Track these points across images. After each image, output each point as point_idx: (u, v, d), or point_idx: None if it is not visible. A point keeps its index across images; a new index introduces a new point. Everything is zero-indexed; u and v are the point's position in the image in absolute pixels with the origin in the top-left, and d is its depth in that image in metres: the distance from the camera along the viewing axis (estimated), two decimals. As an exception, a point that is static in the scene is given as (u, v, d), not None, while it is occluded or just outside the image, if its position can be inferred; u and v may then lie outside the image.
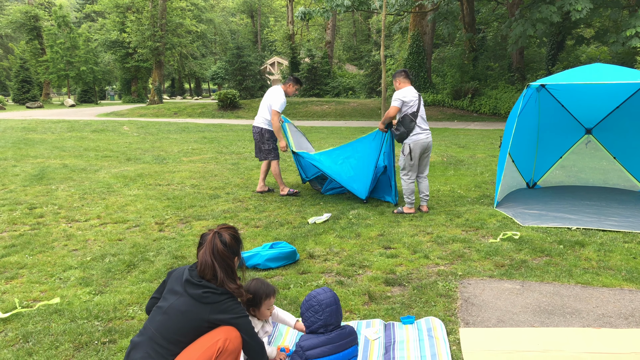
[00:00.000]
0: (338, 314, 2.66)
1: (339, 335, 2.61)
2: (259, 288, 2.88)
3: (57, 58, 43.77)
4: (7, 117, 24.65)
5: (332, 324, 2.62)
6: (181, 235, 5.44)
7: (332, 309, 2.64)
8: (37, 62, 46.61)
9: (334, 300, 2.68)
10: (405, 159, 6.20)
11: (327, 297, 2.67)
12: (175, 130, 18.24)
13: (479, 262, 4.53)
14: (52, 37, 43.80)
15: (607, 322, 3.35)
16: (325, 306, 2.63)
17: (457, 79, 24.47)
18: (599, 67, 6.35)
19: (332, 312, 2.63)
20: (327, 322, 2.61)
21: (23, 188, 7.83)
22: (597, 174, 7.93)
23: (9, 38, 57.70)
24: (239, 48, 34.65)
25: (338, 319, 2.66)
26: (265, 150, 7.36)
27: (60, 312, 3.55)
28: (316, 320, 2.62)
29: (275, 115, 7.06)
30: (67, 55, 44.00)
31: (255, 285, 2.89)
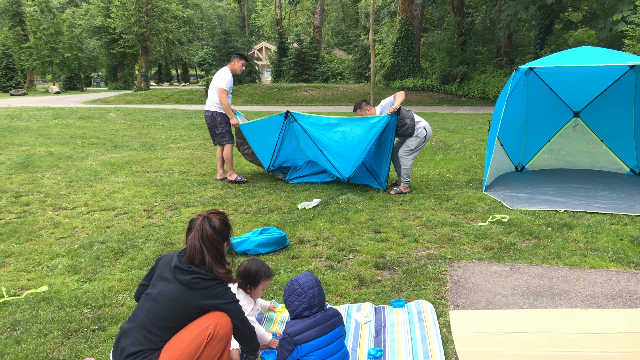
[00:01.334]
0: (321, 295, 2.67)
1: (323, 317, 2.61)
2: (260, 267, 2.99)
3: (41, 44, 43.08)
4: (-9, 104, 24.25)
5: (316, 305, 2.63)
6: (170, 222, 5.40)
7: (314, 290, 2.65)
8: (20, 48, 45.82)
9: (316, 282, 2.69)
10: (418, 142, 6.51)
11: (309, 279, 2.68)
12: (162, 117, 18.07)
13: (468, 245, 4.56)
14: (35, 22, 43.06)
15: (595, 303, 3.39)
16: (308, 288, 2.63)
17: (445, 64, 24.45)
18: (587, 49, 6.36)
19: (315, 294, 2.64)
20: (310, 303, 2.61)
21: (8, 176, 7.73)
22: (584, 157, 7.99)
23: (-10, 24, 56.55)
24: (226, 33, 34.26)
25: (321, 301, 2.66)
26: (219, 134, 7.22)
27: (49, 300, 3.52)
28: (300, 303, 2.62)
29: (222, 93, 6.97)
30: (51, 42, 43.31)
31: (257, 264, 2.99)
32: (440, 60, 24.91)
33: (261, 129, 7.20)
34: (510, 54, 24.86)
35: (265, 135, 7.19)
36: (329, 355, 2.51)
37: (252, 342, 2.66)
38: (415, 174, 7.73)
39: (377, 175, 6.84)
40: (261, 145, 7.32)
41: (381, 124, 6.29)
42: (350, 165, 6.57)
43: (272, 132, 7.11)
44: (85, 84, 53.94)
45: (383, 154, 6.66)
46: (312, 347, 2.51)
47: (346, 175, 6.65)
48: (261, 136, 7.24)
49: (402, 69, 25.98)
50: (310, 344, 2.52)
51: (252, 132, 7.29)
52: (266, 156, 7.35)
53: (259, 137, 7.26)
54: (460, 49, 24.86)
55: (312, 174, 7.33)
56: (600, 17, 20.29)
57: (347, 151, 6.54)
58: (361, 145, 6.41)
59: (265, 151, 7.32)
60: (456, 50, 24.63)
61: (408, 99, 23.69)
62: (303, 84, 30.66)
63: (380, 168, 6.76)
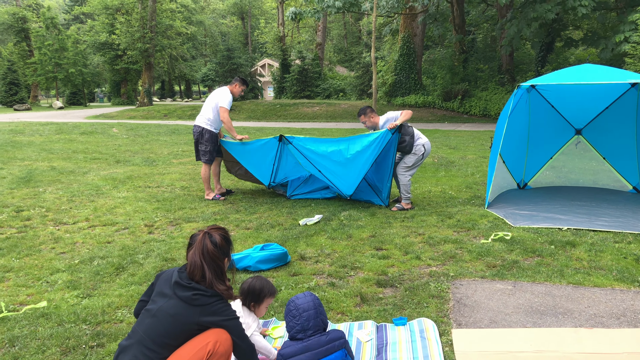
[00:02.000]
0: (317, 318, 2.62)
1: (317, 342, 2.56)
2: (265, 285, 2.95)
3: (46, 60, 43.41)
4: (-5, 119, 24.37)
5: (310, 328, 2.58)
6: (171, 237, 5.38)
7: (310, 313, 2.60)
8: (25, 64, 46.19)
9: (312, 304, 2.64)
10: (416, 159, 6.52)
11: (305, 301, 2.65)
12: (165, 133, 18.13)
13: (471, 262, 4.52)
14: (40, 38, 43.46)
15: (599, 322, 3.35)
16: (302, 310, 2.61)
17: (447, 81, 24.57)
18: (589, 67, 6.38)
19: (310, 317, 2.59)
20: (304, 326, 2.57)
21: (10, 191, 7.73)
22: (587, 175, 7.97)
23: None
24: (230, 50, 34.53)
25: (317, 324, 2.61)
26: (201, 151, 7.13)
27: (48, 315, 3.49)
28: (294, 325, 2.60)
29: (225, 112, 6.99)
30: (56, 57, 43.66)
31: (261, 282, 2.96)
32: (442, 78, 25.05)
33: (256, 153, 7.10)
34: (512, 72, 24.98)
35: (261, 157, 7.11)
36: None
37: (252, 359, 2.63)
38: (417, 190, 7.72)
39: (379, 191, 6.81)
40: (257, 165, 7.20)
41: (380, 140, 6.25)
42: (350, 183, 6.57)
43: (268, 154, 7.03)
44: (89, 100, 54.28)
45: (385, 170, 6.62)
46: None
47: (348, 193, 6.67)
48: (257, 157, 7.14)
49: (404, 85, 26.11)
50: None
51: (245, 156, 7.18)
52: (265, 175, 7.23)
53: (255, 158, 7.15)
54: (462, 66, 25.01)
55: (314, 191, 7.32)
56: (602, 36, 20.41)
57: (346, 169, 6.53)
58: (361, 162, 6.39)
59: (263, 170, 7.21)
60: (457, 68, 24.78)
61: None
62: (305, 100, 30.82)
63: (382, 184, 6.74)
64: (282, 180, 7.42)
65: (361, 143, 6.40)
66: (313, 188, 7.33)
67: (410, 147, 6.44)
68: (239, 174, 7.75)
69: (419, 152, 6.48)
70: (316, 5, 21.72)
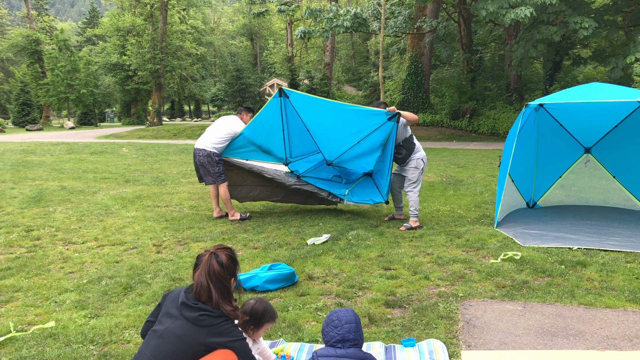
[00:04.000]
0: (357, 332, 2.67)
1: (355, 353, 2.60)
2: (267, 309, 2.91)
3: (58, 81, 44.11)
4: (7, 139, 24.71)
5: (350, 340, 2.62)
6: (179, 257, 5.39)
7: (351, 325, 2.66)
8: (38, 85, 46.95)
9: (354, 318, 2.70)
10: (419, 173, 6.61)
11: (348, 314, 2.71)
12: (174, 152, 18.27)
13: (480, 283, 4.48)
14: (53, 60, 44.22)
15: (612, 344, 3.29)
16: (345, 322, 2.65)
17: (455, 100, 24.64)
18: (597, 86, 6.38)
19: (351, 329, 2.64)
20: (344, 337, 2.62)
21: (20, 210, 7.80)
22: (597, 194, 7.91)
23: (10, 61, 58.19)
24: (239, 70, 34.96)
25: (357, 337, 2.65)
26: (215, 173, 7.03)
27: (55, 336, 3.49)
28: (334, 335, 2.64)
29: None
30: (68, 78, 44.35)
31: (263, 305, 2.91)
32: (450, 96, 25.13)
33: (261, 128, 6.99)
34: (520, 90, 25.02)
35: (267, 130, 7.00)
36: None
37: (259, 381, 2.61)
38: (425, 209, 7.69)
39: (381, 187, 6.94)
40: (267, 143, 7.16)
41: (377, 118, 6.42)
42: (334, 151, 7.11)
43: (274, 122, 6.93)
44: (99, 120, 54.92)
45: (384, 164, 6.75)
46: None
47: (329, 159, 7.26)
48: (264, 133, 7.04)
49: (412, 104, 26.20)
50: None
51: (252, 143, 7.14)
52: (278, 150, 7.26)
53: (262, 135, 7.06)
54: (470, 85, 25.09)
55: (323, 180, 7.42)
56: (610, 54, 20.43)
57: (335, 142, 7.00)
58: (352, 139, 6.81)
59: (275, 146, 7.21)
60: (465, 87, 24.87)
61: (418, 134, 23.80)
62: (313, 120, 30.91)
63: (383, 180, 6.84)
64: (300, 157, 7.47)
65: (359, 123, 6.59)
66: (322, 177, 7.45)
67: (404, 161, 6.59)
68: (240, 197, 7.57)
69: (419, 165, 6.57)
70: (324, 25, 21.98)
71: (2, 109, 61.40)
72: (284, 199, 7.65)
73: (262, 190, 7.57)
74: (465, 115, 23.86)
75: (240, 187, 7.50)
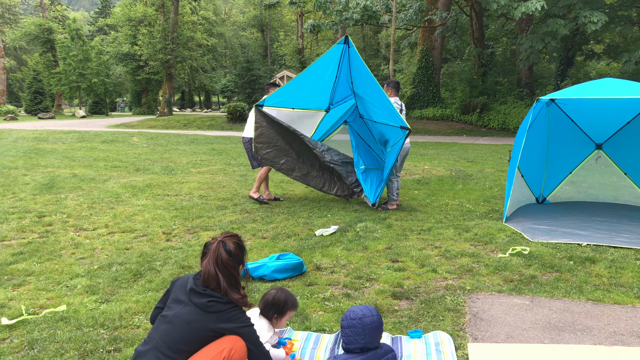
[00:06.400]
0: (379, 337, 2.59)
1: (374, 355, 2.54)
2: (289, 298, 2.96)
3: (70, 70, 44.37)
4: (19, 127, 24.93)
5: (371, 348, 2.56)
6: (188, 245, 5.43)
7: (375, 334, 2.56)
8: (50, 73, 47.23)
9: (379, 324, 2.59)
10: (400, 161, 7.16)
11: (373, 321, 2.57)
12: (184, 142, 18.34)
13: (488, 277, 4.48)
14: (65, 49, 44.46)
15: (619, 340, 3.29)
16: (370, 331, 2.54)
17: (466, 94, 24.50)
18: (610, 81, 6.32)
19: (374, 338, 2.55)
20: (366, 345, 2.53)
21: (33, 197, 7.88)
22: (607, 190, 7.86)
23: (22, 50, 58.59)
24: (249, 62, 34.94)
25: (377, 341, 2.59)
26: (257, 157, 7.54)
27: (66, 319, 3.54)
28: (355, 341, 2.52)
29: None
30: (80, 68, 44.60)
31: (285, 294, 2.96)
32: (461, 91, 24.98)
33: (312, 74, 7.36)
34: (531, 85, 24.83)
35: (317, 77, 7.36)
36: None
37: (267, 367, 2.64)
38: (434, 203, 7.68)
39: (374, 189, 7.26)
40: (313, 90, 7.53)
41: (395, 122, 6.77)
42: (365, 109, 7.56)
43: (327, 67, 7.27)
44: (110, 109, 55.16)
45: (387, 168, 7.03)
46: None
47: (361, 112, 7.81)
48: (312, 80, 7.39)
49: (422, 98, 26.09)
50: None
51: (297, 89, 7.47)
52: (323, 97, 7.75)
53: (310, 82, 7.41)
54: (481, 79, 24.93)
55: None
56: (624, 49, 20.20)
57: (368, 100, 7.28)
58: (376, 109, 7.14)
59: (320, 93, 7.63)
60: (476, 81, 24.70)
61: (428, 128, 23.71)
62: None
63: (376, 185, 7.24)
64: (342, 99, 7.82)
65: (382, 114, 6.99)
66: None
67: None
68: (283, 169, 7.53)
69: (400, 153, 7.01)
70: (335, 17, 21.89)
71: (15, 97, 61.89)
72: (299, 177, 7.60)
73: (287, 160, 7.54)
74: (475, 110, 23.72)
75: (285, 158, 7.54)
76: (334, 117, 8.24)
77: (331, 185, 7.63)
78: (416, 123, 24.26)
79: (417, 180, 9.88)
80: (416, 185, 9.33)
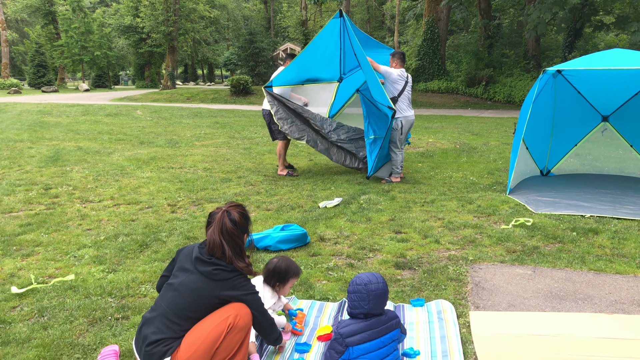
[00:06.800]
0: (383, 303, 2.63)
1: (378, 321, 2.57)
2: (290, 266, 3.01)
3: (72, 43, 43.99)
4: (23, 100, 24.88)
5: (374, 314, 2.59)
6: (193, 216, 5.48)
7: (380, 300, 2.59)
8: (52, 46, 46.83)
9: (384, 291, 2.61)
10: (396, 134, 7.06)
11: (378, 287, 2.59)
12: (187, 115, 18.30)
13: (491, 247, 4.51)
14: (67, 21, 43.99)
15: (620, 309, 3.33)
16: (374, 297, 2.56)
17: (471, 66, 24.20)
18: (618, 52, 6.23)
19: (379, 304, 2.58)
20: (370, 311, 2.57)
21: (39, 169, 7.93)
22: (612, 163, 7.83)
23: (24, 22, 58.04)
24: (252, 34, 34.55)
25: (382, 307, 2.62)
26: (274, 130, 7.69)
27: (75, 288, 3.61)
28: (359, 306, 2.55)
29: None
30: (82, 40, 44.21)
31: (287, 262, 3.01)
32: (467, 63, 24.68)
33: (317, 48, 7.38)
34: (538, 58, 24.49)
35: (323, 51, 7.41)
36: (380, 359, 2.50)
37: (273, 333, 2.69)
38: (438, 175, 7.68)
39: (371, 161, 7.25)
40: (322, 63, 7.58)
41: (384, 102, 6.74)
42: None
43: (330, 42, 7.32)
44: (114, 82, 54.88)
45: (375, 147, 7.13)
46: (363, 350, 2.49)
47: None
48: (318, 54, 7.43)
49: (427, 71, 25.82)
50: (361, 346, 2.50)
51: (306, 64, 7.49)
52: (333, 70, 7.80)
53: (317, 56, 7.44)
54: (487, 51, 24.59)
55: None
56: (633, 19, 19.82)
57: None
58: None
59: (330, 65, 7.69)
60: (482, 53, 24.37)
61: (433, 101, 23.53)
62: (327, 85, 30.62)
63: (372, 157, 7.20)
64: (353, 68, 7.86)
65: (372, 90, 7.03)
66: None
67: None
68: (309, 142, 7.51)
69: (397, 127, 7.00)
70: (339, -12, 21.53)
71: (18, 71, 61.59)
72: (323, 150, 7.62)
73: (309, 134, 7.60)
74: (481, 83, 23.47)
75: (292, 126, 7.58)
76: (350, 87, 8.25)
77: (352, 159, 7.63)
78: (421, 96, 24.07)
79: (421, 153, 9.86)
80: (420, 158, 9.31)
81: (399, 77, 6.98)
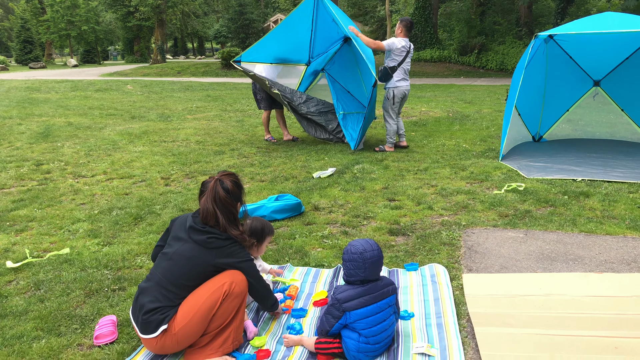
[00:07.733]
0: (379, 270, 2.64)
1: (374, 286, 2.59)
2: (265, 225, 3.08)
3: (58, 17, 43.19)
4: (11, 77, 24.52)
5: (370, 280, 2.61)
6: (187, 189, 5.48)
7: (375, 267, 2.59)
8: (38, 22, 45.97)
9: (379, 258, 2.60)
10: (388, 103, 7.14)
11: (374, 255, 2.58)
12: (179, 89, 18.12)
13: (483, 212, 4.55)
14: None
15: (610, 268, 3.38)
16: (370, 264, 2.56)
17: (464, 35, 23.99)
18: (609, 15, 6.19)
19: (374, 271, 2.58)
20: (366, 277, 2.58)
21: (29, 145, 7.87)
22: (604, 127, 7.86)
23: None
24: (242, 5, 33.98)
25: (378, 273, 2.64)
26: (258, 100, 8.04)
27: (70, 261, 3.62)
28: (355, 274, 2.56)
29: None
30: (68, 15, 43.40)
31: (261, 223, 3.08)
32: (459, 31, 24.46)
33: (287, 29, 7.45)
34: (530, 25, 24.29)
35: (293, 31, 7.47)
36: (377, 323, 2.52)
37: (269, 299, 2.73)
38: (431, 144, 7.69)
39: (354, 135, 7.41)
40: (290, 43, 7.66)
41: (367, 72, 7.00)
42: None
43: (302, 23, 7.40)
44: (103, 58, 54.08)
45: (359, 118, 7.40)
46: (360, 314, 2.52)
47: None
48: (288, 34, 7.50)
49: (419, 40, 25.58)
50: (358, 311, 2.53)
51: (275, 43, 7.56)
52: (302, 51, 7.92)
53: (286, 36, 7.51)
54: (479, 19, 24.35)
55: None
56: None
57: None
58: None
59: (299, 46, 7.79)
60: (474, 21, 24.14)
61: (425, 70, 23.38)
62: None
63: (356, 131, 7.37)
64: (322, 52, 8.04)
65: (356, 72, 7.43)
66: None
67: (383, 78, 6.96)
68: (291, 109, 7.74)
69: (389, 96, 7.09)
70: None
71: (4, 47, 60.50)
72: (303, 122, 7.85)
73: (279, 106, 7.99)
74: (473, 51, 23.31)
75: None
76: (317, 69, 8.37)
77: (322, 131, 7.83)
78: (413, 65, 23.87)
79: (414, 122, 9.84)
80: (413, 127, 9.30)
81: (402, 48, 6.90)
